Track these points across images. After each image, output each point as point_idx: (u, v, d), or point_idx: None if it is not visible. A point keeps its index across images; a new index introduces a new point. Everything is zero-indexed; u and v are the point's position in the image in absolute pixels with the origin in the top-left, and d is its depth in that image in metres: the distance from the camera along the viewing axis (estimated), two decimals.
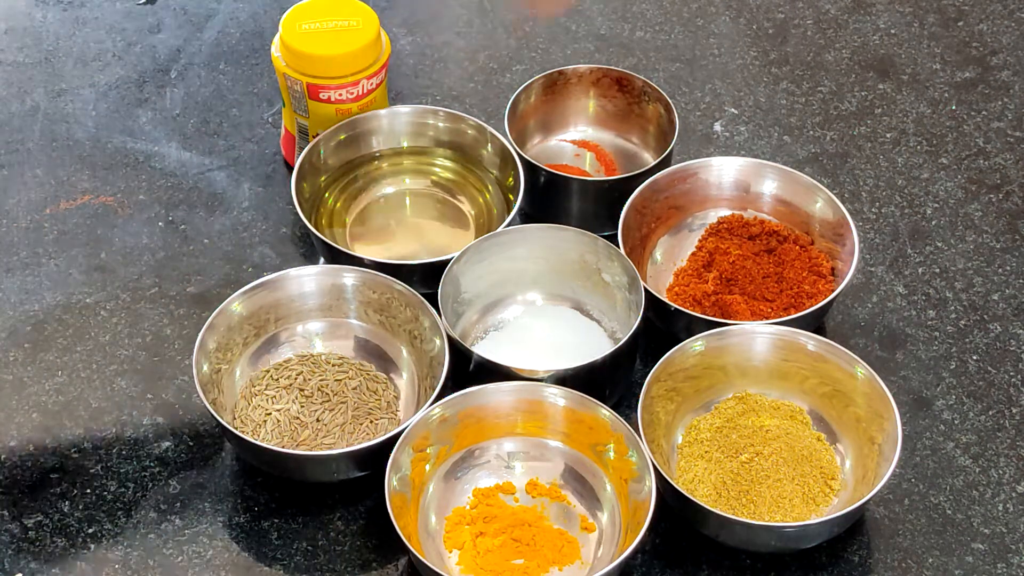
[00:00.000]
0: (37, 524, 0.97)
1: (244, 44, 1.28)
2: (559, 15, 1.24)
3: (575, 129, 1.18)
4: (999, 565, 0.95)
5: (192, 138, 1.21)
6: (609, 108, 1.17)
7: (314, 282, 1.04)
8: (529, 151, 1.15)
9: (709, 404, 1.01)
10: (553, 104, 1.16)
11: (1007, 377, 1.05)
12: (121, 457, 1.00)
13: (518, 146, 1.10)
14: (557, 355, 1.03)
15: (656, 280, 1.09)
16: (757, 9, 1.32)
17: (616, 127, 1.18)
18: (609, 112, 1.17)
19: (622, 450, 0.95)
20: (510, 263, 1.06)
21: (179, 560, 0.96)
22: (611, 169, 1.16)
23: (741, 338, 1.00)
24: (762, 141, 1.21)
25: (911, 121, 1.22)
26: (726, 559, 0.96)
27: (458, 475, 0.98)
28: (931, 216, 1.15)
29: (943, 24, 1.30)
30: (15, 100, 1.23)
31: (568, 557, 0.94)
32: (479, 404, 0.97)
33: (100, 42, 1.28)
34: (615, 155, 1.17)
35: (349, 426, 0.99)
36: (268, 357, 1.04)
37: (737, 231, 1.10)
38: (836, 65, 1.27)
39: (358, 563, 0.96)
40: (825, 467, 0.98)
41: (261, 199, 1.16)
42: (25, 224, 1.14)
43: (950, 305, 1.09)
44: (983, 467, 1.00)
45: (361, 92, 1.11)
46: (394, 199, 1.15)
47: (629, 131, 1.17)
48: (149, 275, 1.11)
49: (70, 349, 1.06)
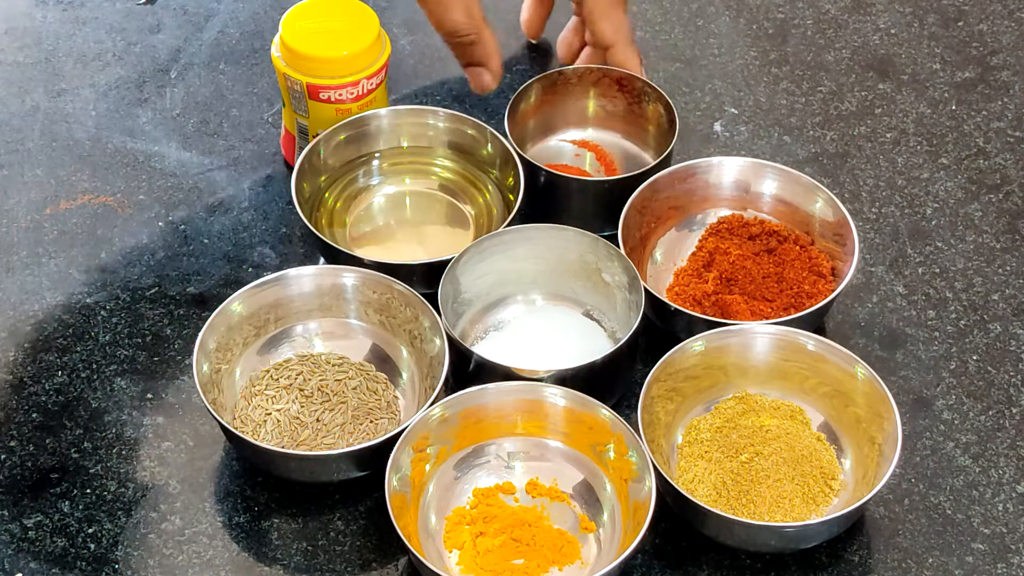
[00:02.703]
0: (37, 524, 0.97)
1: (244, 44, 1.28)
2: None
3: (575, 129, 1.18)
4: (999, 565, 0.95)
5: (192, 138, 1.21)
6: (609, 108, 1.17)
7: (314, 282, 1.04)
8: (529, 151, 1.15)
9: (709, 404, 1.02)
10: (553, 104, 1.16)
11: (1007, 377, 1.05)
12: (121, 457, 1.00)
13: (518, 146, 1.10)
14: (557, 355, 1.03)
15: (656, 280, 1.09)
16: (757, 9, 1.32)
17: (616, 127, 1.18)
18: (609, 112, 1.17)
19: (622, 450, 0.95)
20: (510, 263, 1.06)
21: (179, 560, 0.96)
22: (611, 169, 1.16)
23: (741, 338, 1.00)
24: (762, 141, 1.21)
25: (911, 121, 1.22)
26: (726, 559, 0.96)
27: (458, 475, 0.98)
28: (931, 216, 1.15)
29: (943, 24, 1.30)
30: (15, 100, 1.23)
31: (568, 557, 0.94)
32: (479, 404, 0.97)
33: (100, 42, 1.28)
34: (615, 155, 1.17)
35: (349, 426, 1.00)
36: (268, 357, 1.04)
37: (737, 231, 1.10)
38: (836, 65, 1.27)
39: (358, 563, 0.96)
40: (825, 467, 0.98)
41: (261, 199, 1.16)
42: (25, 224, 1.14)
43: (950, 305, 1.09)
44: (983, 467, 1.00)
45: (361, 92, 1.11)
46: (394, 199, 1.15)
47: (629, 131, 1.17)
48: (149, 275, 1.11)
49: (70, 349, 1.06)
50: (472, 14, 1.13)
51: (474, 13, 1.13)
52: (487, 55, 1.15)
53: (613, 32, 1.15)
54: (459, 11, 1.12)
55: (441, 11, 1.12)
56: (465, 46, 1.14)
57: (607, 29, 1.15)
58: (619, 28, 1.15)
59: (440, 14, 1.13)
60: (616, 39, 1.16)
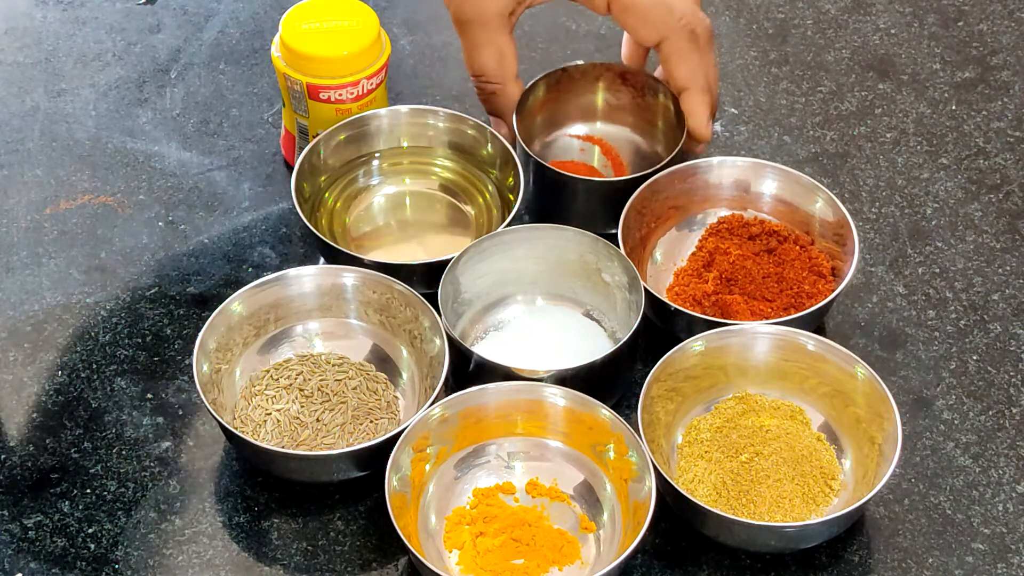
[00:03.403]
0: (37, 524, 0.97)
1: (244, 44, 1.28)
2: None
3: (581, 124, 1.18)
4: (999, 565, 0.95)
5: (192, 138, 1.21)
6: (613, 102, 1.17)
7: (314, 282, 1.04)
8: (536, 147, 1.15)
9: (709, 404, 1.02)
10: (556, 102, 1.16)
11: (1007, 377, 1.05)
12: (121, 457, 1.00)
13: (525, 143, 1.10)
14: (557, 355, 1.03)
15: (656, 280, 1.09)
16: (757, 9, 1.32)
17: (622, 120, 1.17)
18: (613, 107, 1.17)
19: (622, 450, 0.95)
20: (510, 263, 1.06)
21: (179, 560, 0.96)
22: (617, 162, 1.16)
23: (741, 338, 1.00)
24: (762, 141, 1.21)
25: (911, 121, 1.22)
26: (726, 559, 0.96)
27: (458, 475, 0.98)
28: (931, 216, 1.15)
29: (943, 24, 1.30)
30: (15, 100, 1.23)
31: (568, 557, 0.94)
32: (479, 404, 0.97)
33: (100, 42, 1.28)
34: (622, 149, 1.16)
35: (349, 426, 1.00)
36: (268, 357, 1.04)
37: (737, 231, 1.10)
38: (836, 65, 1.27)
39: (358, 563, 0.96)
40: (825, 467, 0.98)
41: (261, 199, 1.16)
42: (25, 224, 1.14)
43: (950, 305, 1.09)
44: (983, 467, 1.00)
45: (361, 92, 1.11)
46: (394, 199, 1.15)
47: (637, 124, 1.17)
48: (149, 275, 1.11)
49: (70, 349, 1.06)
50: (504, 63, 1.10)
51: (506, 63, 1.10)
52: (505, 111, 1.12)
53: (688, 77, 1.09)
54: (491, 56, 1.09)
55: (473, 49, 1.10)
56: (487, 93, 1.12)
57: (681, 73, 1.09)
58: (695, 72, 1.09)
59: (471, 51, 1.10)
60: (691, 84, 1.09)
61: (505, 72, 1.10)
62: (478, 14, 1.08)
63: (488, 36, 1.09)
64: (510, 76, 1.11)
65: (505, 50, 1.09)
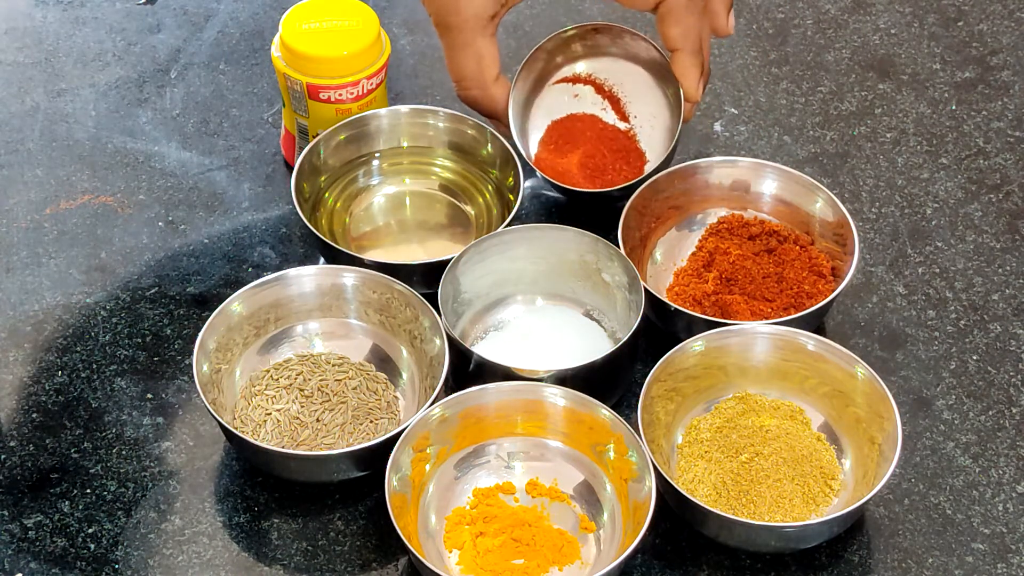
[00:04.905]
0: (37, 524, 0.97)
1: (244, 44, 1.29)
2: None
3: (564, 69, 1.15)
4: (999, 565, 0.95)
5: (192, 138, 1.21)
6: (591, 43, 1.14)
7: (314, 282, 1.04)
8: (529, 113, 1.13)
9: (709, 404, 1.02)
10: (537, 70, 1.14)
11: (1007, 377, 1.05)
12: (121, 457, 1.00)
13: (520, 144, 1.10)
14: (557, 355, 1.03)
15: (656, 280, 1.09)
16: (757, 9, 1.32)
17: (604, 53, 1.14)
18: (592, 47, 1.14)
19: (622, 450, 0.95)
20: (510, 263, 1.06)
21: (179, 560, 0.96)
22: (614, 100, 1.14)
23: (741, 338, 1.00)
24: (762, 141, 1.21)
25: (911, 121, 1.22)
26: (726, 559, 0.96)
27: (458, 475, 0.98)
28: (931, 216, 1.15)
29: (943, 24, 1.30)
30: (15, 100, 1.23)
31: (568, 557, 0.94)
32: (479, 404, 0.97)
33: (100, 42, 1.28)
34: (613, 81, 1.14)
35: (349, 426, 1.00)
36: (268, 357, 1.04)
37: (737, 231, 1.10)
38: (836, 65, 1.27)
39: (358, 563, 0.96)
40: (825, 467, 0.98)
41: (261, 199, 1.16)
42: (25, 224, 1.14)
43: (950, 305, 1.09)
44: (983, 467, 1.00)
45: (361, 92, 1.11)
46: (394, 199, 1.15)
47: (618, 55, 1.14)
48: (149, 275, 1.11)
49: (70, 349, 1.06)
50: (483, 66, 1.08)
51: (485, 65, 1.08)
52: (494, 113, 1.11)
53: (680, 38, 1.07)
54: (470, 60, 1.08)
55: (451, 53, 1.09)
56: (468, 98, 1.11)
57: (674, 34, 1.07)
58: (687, 34, 1.07)
59: (450, 56, 1.09)
60: (682, 45, 1.07)
61: (484, 75, 1.09)
62: (456, 18, 1.07)
63: (466, 39, 1.08)
64: (489, 79, 1.09)
65: (483, 53, 1.08)
